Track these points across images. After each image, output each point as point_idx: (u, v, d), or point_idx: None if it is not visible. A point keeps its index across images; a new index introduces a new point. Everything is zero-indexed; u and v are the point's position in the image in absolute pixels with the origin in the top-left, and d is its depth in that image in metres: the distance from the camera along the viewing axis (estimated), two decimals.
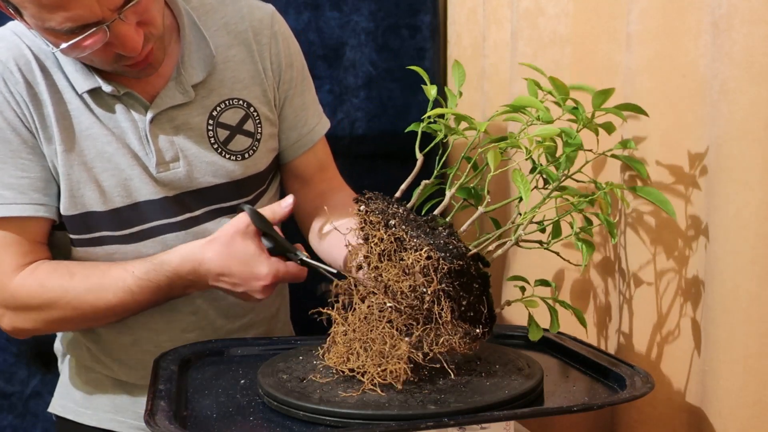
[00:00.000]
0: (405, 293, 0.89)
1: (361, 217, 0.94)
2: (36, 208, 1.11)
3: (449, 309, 0.88)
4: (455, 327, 0.90)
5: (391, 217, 0.92)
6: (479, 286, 0.92)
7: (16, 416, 1.56)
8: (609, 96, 0.97)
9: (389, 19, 1.64)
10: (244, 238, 1.08)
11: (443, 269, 0.87)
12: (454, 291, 0.88)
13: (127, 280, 1.10)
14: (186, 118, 1.17)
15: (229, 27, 1.21)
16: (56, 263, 1.14)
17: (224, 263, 1.08)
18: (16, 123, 1.10)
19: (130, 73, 1.10)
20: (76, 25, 0.98)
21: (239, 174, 1.20)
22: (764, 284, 0.91)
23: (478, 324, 0.92)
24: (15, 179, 1.10)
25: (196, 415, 0.91)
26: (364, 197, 0.96)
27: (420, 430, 0.83)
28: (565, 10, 1.19)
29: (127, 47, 1.03)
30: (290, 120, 1.28)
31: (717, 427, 0.96)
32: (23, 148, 1.10)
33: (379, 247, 0.91)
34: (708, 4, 0.96)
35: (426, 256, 0.87)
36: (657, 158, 1.04)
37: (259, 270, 1.08)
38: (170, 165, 1.15)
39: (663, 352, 1.07)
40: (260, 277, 1.08)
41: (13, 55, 1.10)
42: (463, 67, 1.08)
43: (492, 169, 0.93)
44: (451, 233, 0.93)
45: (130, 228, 1.16)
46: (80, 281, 1.11)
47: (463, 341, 0.91)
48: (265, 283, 1.08)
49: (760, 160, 0.89)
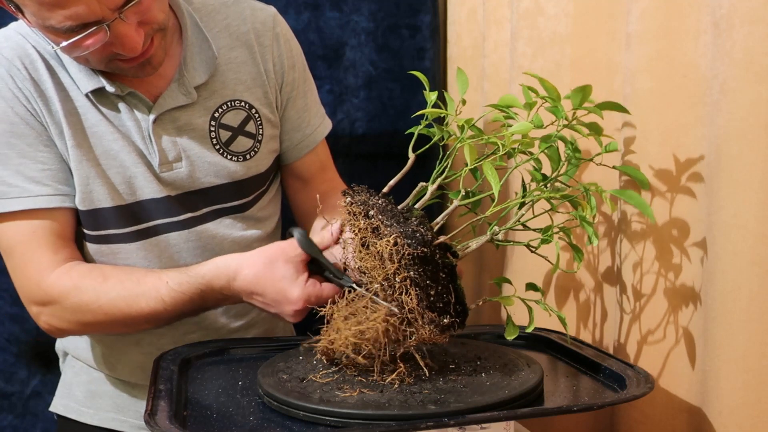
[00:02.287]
0: (381, 283, 0.92)
1: (346, 209, 0.96)
2: (62, 198, 1.11)
3: (416, 296, 0.90)
4: (421, 315, 0.91)
5: (370, 208, 0.94)
6: (446, 276, 0.93)
7: (16, 416, 1.56)
8: (588, 93, 0.98)
9: (389, 19, 1.64)
10: (286, 262, 1.03)
11: (407, 255, 0.89)
12: (420, 279, 0.90)
13: (161, 290, 1.07)
14: (188, 119, 1.17)
15: (231, 29, 1.22)
16: (92, 266, 1.13)
17: (258, 282, 1.04)
18: (28, 117, 1.10)
19: (127, 71, 1.10)
20: (75, 24, 0.98)
21: (241, 174, 1.21)
22: (764, 284, 0.91)
23: (446, 314, 0.93)
24: (37, 172, 1.10)
25: (196, 415, 0.91)
26: (351, 190, 0.98)
27: (420, 430, 0.83)
28: (565, 10, 1.19)
29: (127, 47, 1.03)
30: (293, 121, 1.28)
31: (717, 427, 0.96)
32: (39, 140, 1.10)
33: (358, 236, 0.94)
34: (708, 4, 0.96)
35: (393, 242, 0.90)
36: (657, 158, 1.04)
37: (291, 293, 1.02)
38: (173, 165, 1.16)
39: (663, 352, 1.07)
40: (292, 301, 1.02)
41: (18, 54, 1.11)
42: (466, 74, 1.08)
43: (469, 163, 0.95)
44: (421, 222, 0.95)
45: (135, 225, 1.16)
46: (113, 286, 1.09)
47: (432, 330, 0.92)
48: (296, 307, 1.03)
49: (760, 160, 0.89)
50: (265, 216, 1.28)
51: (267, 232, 1.28)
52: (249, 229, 1.23)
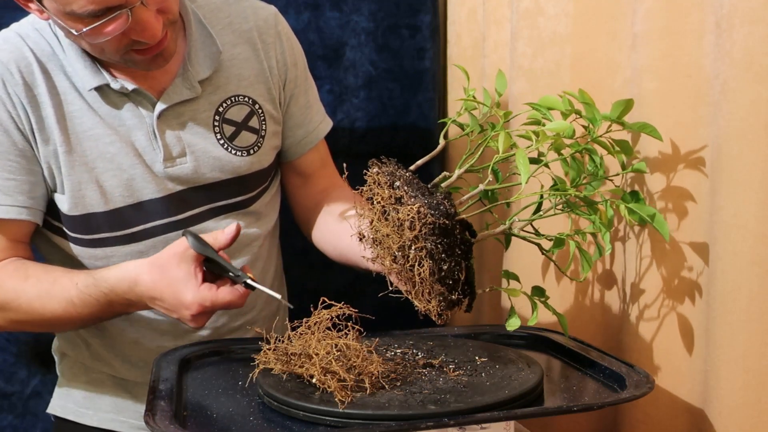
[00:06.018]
0: (395, 255, 0.93)
1: (372, 177, 0.97)
2: (19, 210, 1.12)
3: (428, 268, 0.91)
4: (432, 287, 0.92)
5: (396, 179, 0.95)
6: (461, 252, 0.94)
7: (16, 416, 1.56)
8: (630, 108, 0.98)
9: (389, 19, 1.64)
10: (179, 262, 1.02)
11: (428, 224, 0.90)
12: (436, 250, 0.91)
13: (71, 291, 1.07)
14: (193, 113, 1.18)
15: (234, 26, 1.23)
16: (21, 263, 1.13)
17: (156, 287, 1.03)
18: (9, 125, 1.10)
19: (140, 63, 1.10)
20: (98, 8, 0.98)
21: (245, 170, 1.21)
22: (764, 284, 0.91)
23: (455, 291, 0.93)
24: (1, 180, 1.11)
25: (196, 415, 0.91)
26: (379, 161, 0.99)
27: (420, 430, 0.83)
28: (565, 10, 1.19)
29: (147, 34, 1.03)
30: (296, 118, 1.29)
31: (717, 427, 0.96)
32: (12, 150, 1.11)
33: (380, 205, 0.94)
34: (711, 3, 0.96)
35: (417, 211, 0.90)
36: (658, 158, 1.04)
37: (185, 297, 1.01)
38: (177, 160, 1.16)
39: (663, 352, 1.07)
40: (186, 305, 1.02)
41: (15, 57, 1.11)
42: (505, 75, 1.10)
43: (500, 151, 0.95)
44: (446, 197, 0.95)
45: (129, 228, 1.16)
46: (32, 286, 1.10)
47: (440, 305, 0.93)
48: (192, 312, 1.02)
49: (760, 160, 0.89)
50: (266, 213, 1.28)
51: (266, 230, 1.28)
52: (248, 228, 1.24)
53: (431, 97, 1.65)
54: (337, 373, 0.89)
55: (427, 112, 1.65)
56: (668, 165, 1.04)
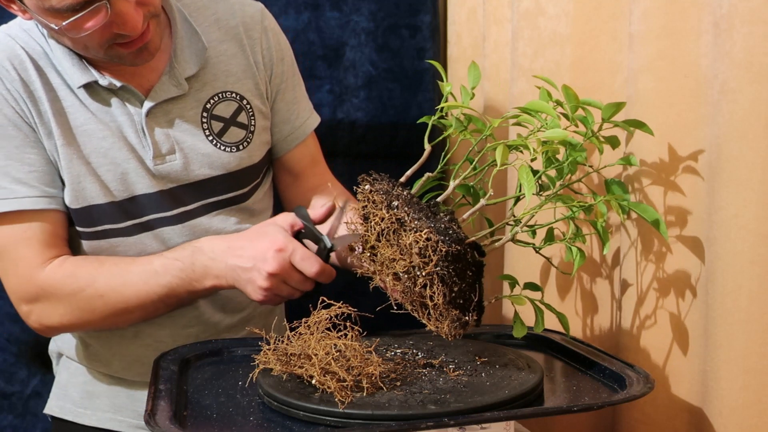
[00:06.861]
0: (398, 275, 0.91)
1: (365, 195, 0.95)
2: (48, 200, 1.12)
3: (441, 293, 0.89)
4: (446, 311, 0.91)
5: (394, 199, 0.94)
6: (473, 274, 0.93)
7: (16, 416, 1.56)
8: (620, 109, 0.98)
9: (389, 19, 1.64)
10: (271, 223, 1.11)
11: (441, 251, 0.88)
12: (447, 275, 0.90)
13: (154, 262, 1.12)
14: (181, 111, 1.18)
15: (221, 23, 1.24)
16: (87, 256, 1.15)
17: (242, 235, 1.11)
18: (16, 119, 1.11)
19: (126, 58, 1.10)
20: (76, 2, 0.99)
21: (234, 166, 1.22)
22: (764, 284, 0.91)
23: (467, 312, 0.93)
24: (24, 174, 1.11)
25: (196, 415, 0.91)
26: (369, 177, 0.98)
27: (420, 430, 0.83)
28: (565, 10, 1.19)
29: (128, 26, 1.04)
30: (283, 113, 1.30)
31: (717, 427, 0.96)
32: (27, 143, 1.11)
33: (379, 226, 0.93)
34: (709, 3, 0.96)
35: (425, 237, 0.89)
36: (657, 158, 1.04)
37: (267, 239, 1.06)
38: (166, 157, 1.17)
39: (663, 352, 1.07)
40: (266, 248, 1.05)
41: (8, 55, 1.12)
42: (479, 68, 1.09)
43: (498, 164, 0.94)
44: (452, 219, 0.94)
45: (130, 220, 1.17)
46: (109, 267, 1.12)
47: (453, 327, 0.92)
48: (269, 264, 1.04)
49: (760, 160, 0.89)
50: (259, 209, 1.29)
51: None
52: (242, 223, 1.24)
53: (431, 97, 1.65)
54: (336, 374, 0.89)
55: (427, 112, 1.65)
56: (668, 165, 1.04)
